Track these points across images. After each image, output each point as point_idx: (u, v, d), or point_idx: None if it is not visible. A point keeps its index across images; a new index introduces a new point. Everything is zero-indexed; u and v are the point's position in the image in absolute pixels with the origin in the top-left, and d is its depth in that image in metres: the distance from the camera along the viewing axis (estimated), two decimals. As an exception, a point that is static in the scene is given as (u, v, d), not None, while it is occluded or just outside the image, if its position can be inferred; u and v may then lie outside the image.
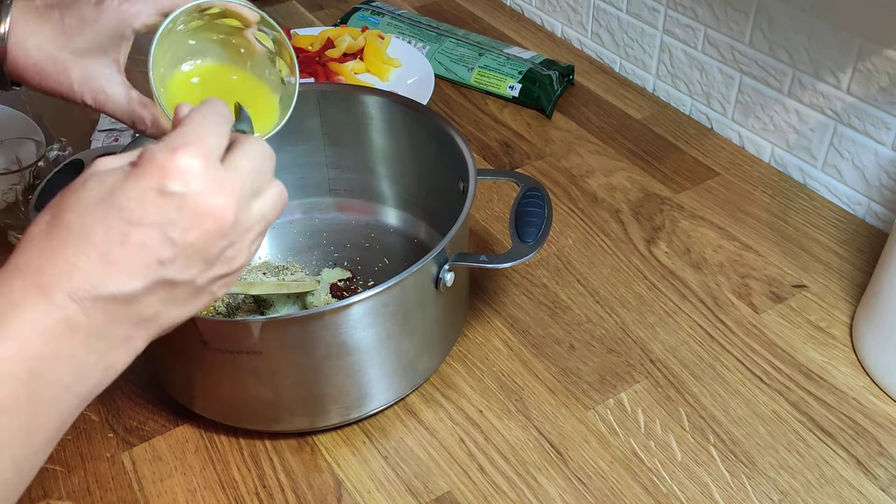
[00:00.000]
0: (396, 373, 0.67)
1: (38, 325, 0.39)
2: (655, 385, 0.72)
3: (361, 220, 0.85)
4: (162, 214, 0.41)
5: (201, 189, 0.42)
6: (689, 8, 1.00)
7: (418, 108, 0.77)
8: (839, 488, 0.64)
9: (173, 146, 0.42)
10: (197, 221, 0.42)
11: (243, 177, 0.44)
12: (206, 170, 0.42)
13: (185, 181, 0.41)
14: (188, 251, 0.42)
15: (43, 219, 0.42)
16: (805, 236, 0.87)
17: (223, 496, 0.65)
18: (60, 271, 0.40)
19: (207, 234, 0.42)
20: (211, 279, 0.45)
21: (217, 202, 0.42)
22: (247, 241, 0.45)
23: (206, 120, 0.44)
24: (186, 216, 0.41)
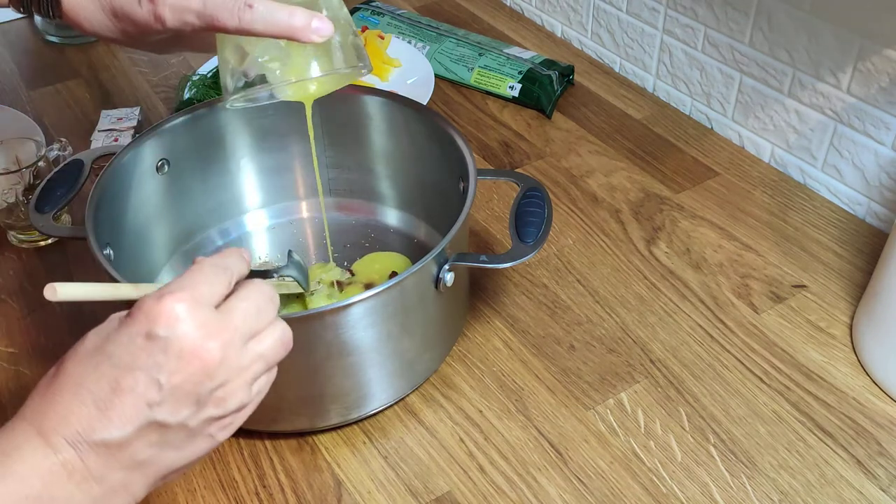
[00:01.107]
0: (396, 373, 0.67)
1: (36, 467, 0.41)
2: (655, 385, 0.72)
3: (361, 220, 0.85)
4: (148, 358, 0.42)
5: (186, 332, 0.43)
6: (689, 8, 1.00)
7: (418, 108, 0.77)
8: (839, 488, 0.64)
9: (161, 293, 0.44)
10: (182, 364, 0.43)
11: (235, 320, 0.46)
12: (191, 314, 0.43)
13: (169, 325, 0.43)
14: (176, 393, 0.43)
15: (50, 371, 0.44)
16: (805, 236, 0.87)
17: (223, 496, 0.65)
18: (59, 417, 0.42)
19: (193, 375, 0.43)
20: (204, 420, 0.45)
21: (202, 344, 0.44)
22: (241, 381, 0.46)
23: (202, 269, 0.46)
24: (172, 359, 0.43)
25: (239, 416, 0.47)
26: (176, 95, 1.08)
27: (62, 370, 0.44)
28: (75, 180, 0.72)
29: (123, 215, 0.72)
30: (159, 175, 0.76)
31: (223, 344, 0.44)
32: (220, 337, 0.44)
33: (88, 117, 1.07)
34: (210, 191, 0.81)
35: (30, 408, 0.43)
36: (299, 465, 0.67)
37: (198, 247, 0.82)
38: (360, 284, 0.77)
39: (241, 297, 0.47)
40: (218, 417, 0.46)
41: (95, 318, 0.45)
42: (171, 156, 0.76)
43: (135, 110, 1.03)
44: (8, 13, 1.29)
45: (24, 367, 0.75)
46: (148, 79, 1.15)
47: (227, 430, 0.47)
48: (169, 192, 0.77)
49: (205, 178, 0.80)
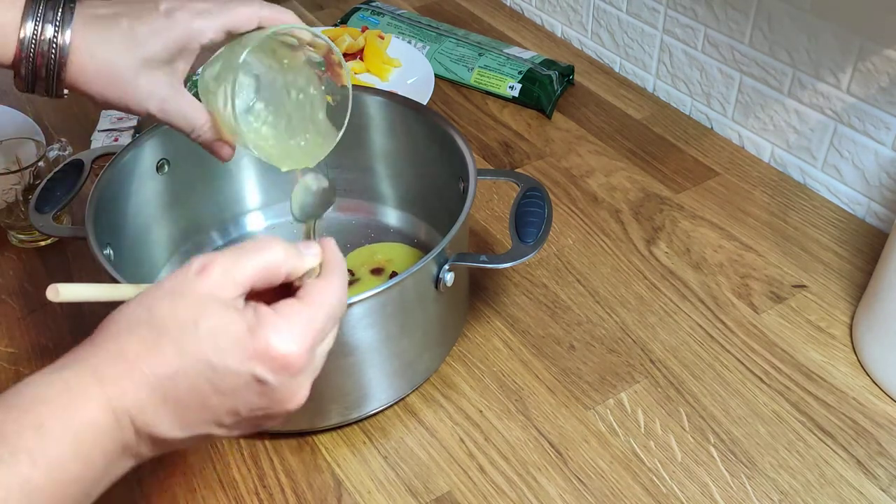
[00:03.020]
0: (396, 373, 0.67)
1: (105, 447, 0.40)
2: (655, 385, 0.72)
3: (361, 220, 0.85)
4: (244, 394, 0.42)
5: (292, 386, 0.43)
6: (689, 8, 1.00)
7: (418, 108, 0.77)
8: (839, 488, 0.64)
9: (293, 333, 0.42)
10: (269, 407, 0.43)
11: (318, 367, 0.45)
12: (304, 365, 0.43)
13: (281, 378, 0.42)
14: (244, 421, 0.44)
15: (140, 331, 0.42)
16: (805, 236, 0.87)
17: (223, 496, 0.65)
18: (134, 401, 0.41)
19: (269, 415, 0.44)
20: (239, 432, 0.45)
21: (295, 399, 0.44)
22: (306, 385, 0.45)
23: (322, 314, 0.44)
24: (264, 401, 0.43)
25: (283, 412, 0.47)
26: (176, 95, 1.08)
27: (160, 345, 0.41)
28: (75, 180, 0.73)
29: (123, 215, 0.72)
30: (159, 175, 0.76)
31: (308, 385, 0.44)
32: (309, 379, 0.44)
33: (88, 117, 1.07)
34: (210, 191, 0.81)
35: (110, 372, 0.41)
36: (299, 465, 0.67)
37: (198, 247, 0.82)
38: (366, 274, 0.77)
39: (332, 333, 0.46)
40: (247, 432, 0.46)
41: (95, 318, 0.45)
42: (171, 156, 0.76)
43: (135, 110, 1.03)
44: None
45: (24, 367, 0.75)
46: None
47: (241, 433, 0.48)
48: (169, 192, 0.77)
49: (205, 178, 0.80)
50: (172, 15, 0.58)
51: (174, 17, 0.58)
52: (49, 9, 0.56)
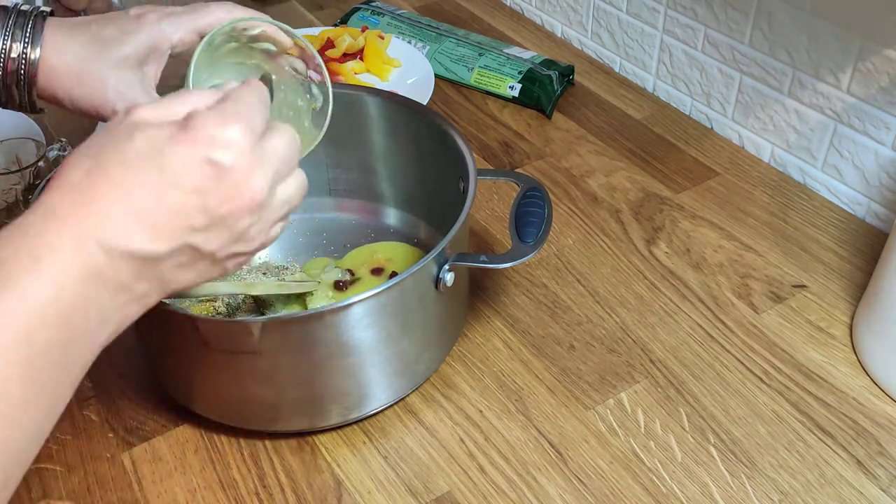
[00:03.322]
0: (396, 373, 0.67)
1: (73, 272, 0.40)
2: (655, 385, 0.72)
3: (361, 220, 0.85)
4: (203, 183, 0.42)
5: (244, 166, 0.43)
6: (689, 8, 1.00)
7: (418, 108, 0.77)
8: (839, 488, 0.64)
9: (225, 117, 0.43)
10: (233, 195, 0.43)
11: (275, 161, 0.46)
12: (251, 148, 0.43)
13: (232, 155, 0.43)
14: (219, 223, 0.43)
15: (82, 165, 0.42)
16: (805, 236, 0.87)
17: (223, 496, 0.65)
18: (97, 223, 0.41)
19: (240, 209, 0.44)
20: (230, 255, 0.46)
21: (254, 181, 0.44)
22: (269, 222, 0.47)
23: (253, 99, 0.46)
24: (224, 189, 0.43)
25: (252, 255, 0.48)
26: (176, 95, 1.08)
27: (104, 171, 0.41)
28: (75, 180, 0.72)
29: None
30: (159, 175, 0.76)
31: (269, 184, 0.45)
32: (267, 176, 0.45)
33: (88, 117, 1.07)
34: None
35: (63, 204, 0.41)
36: (299, 465, 0.67)
37: (198, 247, 0.82)
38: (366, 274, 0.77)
39: (282, 139, 0.47)
40: (240, 254, 0.46)
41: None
42: (171, 156, 0.76)
43: (135, 110, 1.03)
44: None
45: (24, 367, 0.75)
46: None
47: (238, 266, 0.48)
48: (169, 192, 0.77)
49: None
50: (142, 17, 0.58)
51: (143, 18, 0.58)
52: (18, 27, 0.56)
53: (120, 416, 0.71)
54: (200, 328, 0.60)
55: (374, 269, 0.78)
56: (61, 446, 0.69)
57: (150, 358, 0.70)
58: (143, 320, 0.65)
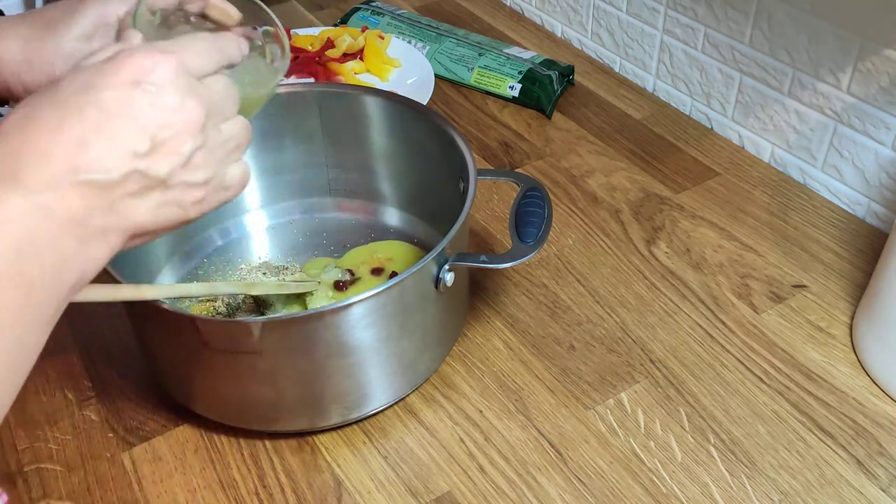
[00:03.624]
0: (396, 373, 0.67)
1: (17, 209, 0.40)
2: (655, 385, 0.72)
3: (361, 220, 0.85)
4: (137, 107, 0.43)
5: (175, 89, 0.44)
6: (689, 8, 1.00)
7: (418, 108, 0.77)
8: (839, 488, 0.64)
9: (153, 47, 0.44)
10: (170, 119, 0.44)
11: (212, 94, 0.46)
12: (178, 74, 0.44)
13: (159, 79, 0.43)
14: (161, 146, 0.44)
15: (17, 113, 0.42)
16: (805, 236, 0.87)
17: (223, 496, 0.65)
18: (36, 160, 0.41)
19: (179, 132, 0.44)
20: (181, 183, 0.46)
21: (188, 103, 0.44)
22: (218, 154, 0.47)
23: (197, 40, 0.47)
24: (159, 112, 0.43)
25: (211, 195, 0.48)
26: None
27: (36, 114, 0.42)
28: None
29: None
30: (159, 175, 0.76)
31: (206, 108, 0.45)
32: (202, 101, 0.45)
33: (88, 117, 1.07)
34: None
35: (5, 147, 0.41)
36: (299, 465, 0.67)
37: (198, 247, 0.82)
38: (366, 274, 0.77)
39: (220, 80, 0.48)
40: (192, 185, 0.46)
41: (94, 315, 0.45)
42: (171, 156, 0.76)
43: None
44: (8, 13, 1.29)
45: (24, 367, 0.75)
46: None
47: (197, 206, 0.47)
48: (169, 192, 0.77)
49: (205, 178, 0.80)
50: None
51: None
52: None
53: (120, 416, 0.71)
54: (200, 328, 0.60)
55: (374, 269, 0.78)
56: (61, 446, 0.69)
57: (150, 358, 0.70)
58: (144, 320, 0.66)
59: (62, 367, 0.75)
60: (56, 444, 0.69)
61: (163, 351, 0.67)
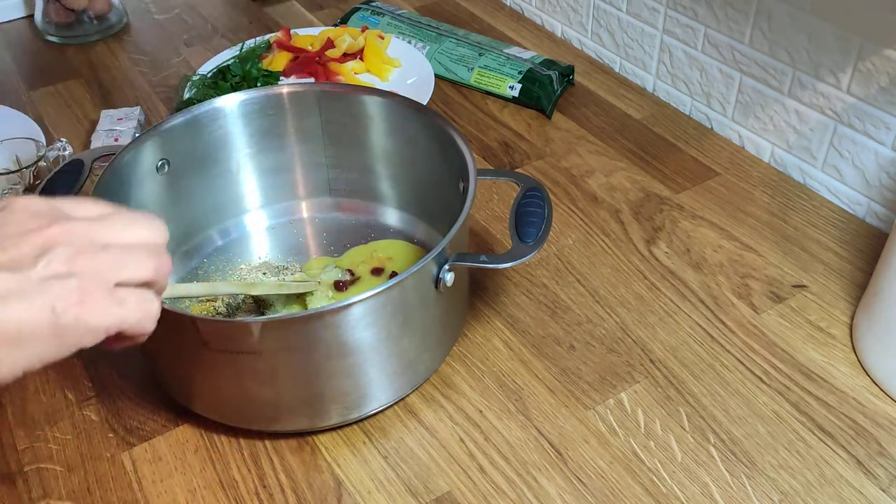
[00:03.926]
0: (396, 373, 0.67)
1: None
2: (655, 385, 0.72)
3: (361, 220, 0.85)
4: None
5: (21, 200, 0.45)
6: (689, 8, 1.00)
7: (418, 108, 0.77)
8: (839, 488, 0.64)
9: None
10: (8, 215, 0.44)
11: (70, 211, 0.46)
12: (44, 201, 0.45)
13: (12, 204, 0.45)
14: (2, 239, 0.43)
15: None
16: (805, 236, 0.87)
17: (223, 496, 0.65)
18: None
19: (18, 220, 0.44)
20: (42, 272, 0.43)
21: (29, 201, 0.45)
22: (78, 238, 0.44)
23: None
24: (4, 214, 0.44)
25: (86, 294, 0.44)
26: (176, 95, 1.08)
27: None
28: (75, 180, 0.72)
29: None
30: (159, 175, 0.76)
31: (38, 201, 0.45)
32: (43, 202, 0.45)
33: (88, 117, 1.07)
34: (210, 191, 0.81)
35: None
36: (299, 465, 0.67)
37: (198, 247, 0.82)
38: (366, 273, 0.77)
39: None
40: (53, 277, 0.43)
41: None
42: (171, 156, 0.76)
43: (135, 110, 1.03)
44: (8, 13, 1.30)
45: (24, 367, 0.75)
46: (148, 79, 1.15)
47: (68, 300, 0.43)
48: (169, 192, 0.77)
49: (205, 178, 0.80)
50: None
51: None
52: None
53: (120, 416, 0.71)
54: (200, 328, 0.60)
55: (374, 269, 0.78)
56: (61, 446, 0.69)
57: (150, 358, 0.70)
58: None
59: (62, 367, 0.75)
60: (56, 444, 0.69)
61: (163, 351, 0.67)
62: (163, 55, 1.20)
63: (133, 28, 1.28)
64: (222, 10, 1.32)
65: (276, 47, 1.12)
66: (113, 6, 1.27)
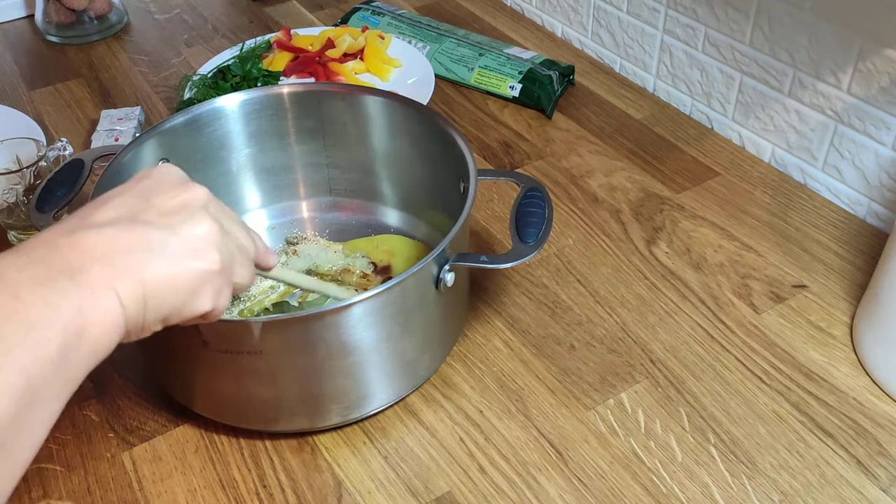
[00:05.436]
0: (396, 373, 0.67)
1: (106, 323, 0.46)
2: (655, 385, 0.72)
3: (361, 220, 0.85)
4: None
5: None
6: (689, 8, 1.00)
7: (418, 108, 0.77)
8: (839, 488, 0.64)
9: None
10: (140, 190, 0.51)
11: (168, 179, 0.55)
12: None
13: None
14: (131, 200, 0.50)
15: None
16: (805, 236, 0.87)
17: (223, 496, 0.65)
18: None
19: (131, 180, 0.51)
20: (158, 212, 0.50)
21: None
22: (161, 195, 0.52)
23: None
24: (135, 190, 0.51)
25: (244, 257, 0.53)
26: (176, 95, 1.08)
27: None
28: (76, 180, 0.72)
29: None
30: (159, 175, 0.76)
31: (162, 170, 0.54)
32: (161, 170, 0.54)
33: (88, 117, 1.07)
34: (210, 191, 0.81)
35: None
36: (299, 465, 0.67)
37: (198, 247, 0.82)
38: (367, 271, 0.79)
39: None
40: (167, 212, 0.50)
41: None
42: (171, 156, 0.76)
43: (135, 110, 1.03)
44: (8, 13, 1.30)
45: (25, 367, 0.75)
46: (148, 79, 1.15)
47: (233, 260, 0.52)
48: (169, 192, 0.77)
49: (205, 178, 0.79)
50: None
51: None
52: None
53: (120, 416, 0.71)
54: (200, 328, 0.60)
55: (377, 268, 0.79)
56: (61, 446, 0.69)
57: (150, 358, 0.70)
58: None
59: (62, 367, 0.75)
60: (56, 444, 0.69)
61: (163, 351, 0.67)
62: (163, 55, 1.20)
63: (133, 28, 1.28)
64: (222, 10, 1.32)
65: (276, 47, 1.12)
66: (113, 6, 1.27)
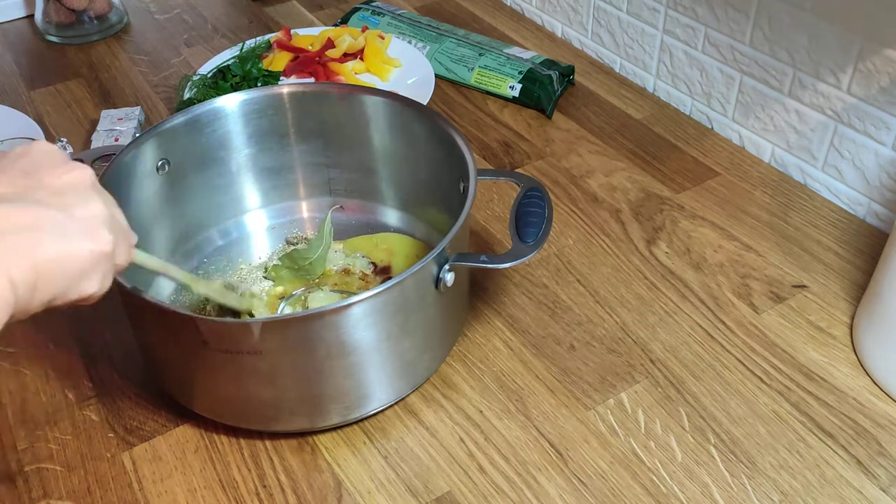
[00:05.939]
0: (396, 373, 0.67)
1: None
2: (655, 385, 0.72)
3: (361, 219, 0.85)
4: None
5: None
6: (689, 8, 1.00)
7: (418, 108, 0.77)
8: (839, 488, 0.64)
9: None
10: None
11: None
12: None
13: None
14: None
15: None
16: (805, 236, 0.87)
17: (223, 496, 0.65)
18: None
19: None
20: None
21: None
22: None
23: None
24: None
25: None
26: (176, 95, 1.08)
27: None
28: (75, 180, 0.72)
29: (123, 215, 0.72)
30: (159, 175, 0.76)
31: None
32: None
33: (88, 117, 1.07)
34: (210, 191, 0.81)
35: None
36: (299, 465, 0.67)
37: (198, 247, 0.82)
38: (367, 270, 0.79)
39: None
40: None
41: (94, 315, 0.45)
42: (171, 156, 0.76)
43: (135, 110, 1.03)
44: (8, 13, 1.30)
45: (25, 367, 0.75)
46: (148, 79, 1.15)
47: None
48: (169, 192, 0.77)
49: (205, 178, 0.80)
50: None
51: None
52: None
53: (120, 416, 0.71)
54: (200, 328, 0.60)
55: (377, 269, 0.79)
56: (61, 446, 0.69)
57: (150, 358, 0.70)
58: (143, 320, 0.66)
59: (62, 367, 0.75)
60: (56, 444, 0.69)
61: (163, 351, 0.67)
62: (163, 55, 1.20)
63: (133, 28, 1.28)
64: (222, 10, 1.32)
65: (276, 47, 1.12)
66: (113, 6, 1.27)
